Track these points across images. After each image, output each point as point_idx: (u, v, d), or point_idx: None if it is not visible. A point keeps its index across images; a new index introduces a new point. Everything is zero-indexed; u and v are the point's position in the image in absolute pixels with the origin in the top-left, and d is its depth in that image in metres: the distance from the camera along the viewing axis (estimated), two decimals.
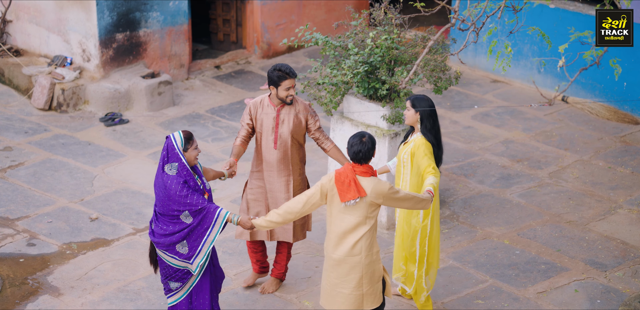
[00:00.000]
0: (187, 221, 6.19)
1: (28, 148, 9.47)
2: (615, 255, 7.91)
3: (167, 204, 6.15)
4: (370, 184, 6.00)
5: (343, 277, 6.16)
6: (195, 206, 6.14)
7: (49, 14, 10.38)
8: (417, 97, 6.71)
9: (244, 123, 6.94)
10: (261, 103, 6.91)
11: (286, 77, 6.73)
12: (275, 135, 6.84)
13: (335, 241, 6.13)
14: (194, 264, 6.30)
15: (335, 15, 11.88)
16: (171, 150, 6.15)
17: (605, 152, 9.57)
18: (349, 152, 6.03)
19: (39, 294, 7.33)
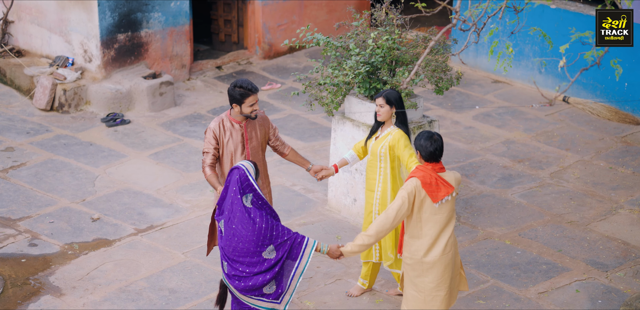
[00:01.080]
0: (271, 256, 5.76)
1: (30, 148, 9.48)
2: (616, 255, 7.91)
3: (251, 241, 5.71)
4: (450, 177, 6.06)
5: (439, 279, 6.08)
6: (281, 238, 5.74)
7: (51, 15, 10.39)
8: (390, 92, 6.76)
9: (211, 149, 6.64)
10: (222, 124, 6.66)
11: (249, 94, 6.56)
12: (247, 152, 6.68)
13: (429, 244, 6.02)
14: (282, 302, 5.87)
15: (337, 16, 11.89)
16: (245, 181, 5.80)
17: (607, 153, 9.57)
18: (423, 153, 5.96)
19: (40, 294, 7.34)
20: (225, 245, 5.81)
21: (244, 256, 5.74)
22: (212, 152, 6.66)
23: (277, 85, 11.01)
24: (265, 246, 5.69)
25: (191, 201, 8.66)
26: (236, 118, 6.67)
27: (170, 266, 7.70)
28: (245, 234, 5.67)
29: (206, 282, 7.50)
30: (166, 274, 7.59)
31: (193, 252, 7.91)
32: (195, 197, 8.72)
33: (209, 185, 8.91)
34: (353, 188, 8.24)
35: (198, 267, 7.70)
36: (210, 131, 6.65)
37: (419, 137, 6.04)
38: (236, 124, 6.68)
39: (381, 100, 6.75)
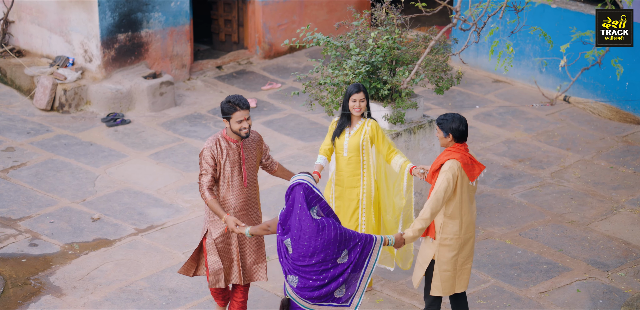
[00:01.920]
0: (344, 260, 5.70)
1: (30, 148, 9.48)
2: (617, 255, 7.91)
3: (327, 251, 5.64)
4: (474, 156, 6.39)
5: (468, 254, 6.36)
6: (353, 241, 5.70)
7: (51, 15, 10.39)
8: (359, 85, 6.79)
9: (209, 170, 6.27)
10: (218, 143, 6.33)
11: (236, 109, 6.24)
12: (244, 173, 6.36)
13: (468, 221, 6.27)
14: (352, 304, 5.81)
15: (337, 16, 11.88)
16: (310, 194, 5.67)
17: (607, 152, 9.56)
18: (456, 134, 6.18)
19: (41, 294, 7.34)
20: (295, 260, 5.76)
21: (319, 266, 5.72)
22: (211, 173, 6.28)
23: (277, 85, 11.01)
24: (340, 252, 5.71)
25: (191, 201, 8.65)
26: (232, 137, 6.35)
27: (170, 266, 7.69)
28: (321, 245, 5.64)
29: (206, 282, 7.49)
30: (166, 274, 7.59)
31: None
32: (195, 197, 8.72)
33: None
34: None
35: None
36: (208, 151, 6.29)
37: (447, 121, 6.18)
38: (232, 143, 6.37)
39: (362, 94, 6.77)
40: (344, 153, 6.89)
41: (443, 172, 6.16)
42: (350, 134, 6.86)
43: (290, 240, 5.73)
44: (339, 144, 6.89)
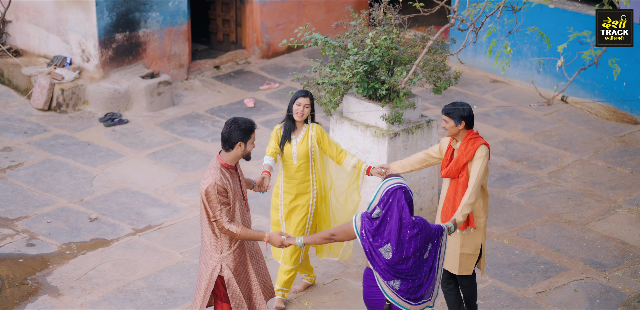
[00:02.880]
0: (427, 256, 5.78)
1: (27, 148, 9.47)
2: (614, 255, 7.91)
3: (420, 250, 5.72)
4: None
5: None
6: (434, 235, 5.80)
7: (49, 14, 10.38)
8: (307, 91, 6.79)
9: (226, 204, 5.91)
10: (222, 173, 5.90)
11: (254, 128, 5.95)
12: (245, 196, 6.11)
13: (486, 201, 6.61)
14: (432, 298, 5.87)
15: (335, 16, 11.88)
16: (408, 196, 5.71)
17: (605, 152, 9.57)
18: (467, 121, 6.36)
19: (38, 294, 7.33)
20: (396, 264, 5.79)
21: (415, 265, 5.78)
22: (228, 205, 5.92)
23: (275, 84, 11.01)
24: (426, 247, 5.79)
25: (189, 201, 8.65)
26: (230, 162, 5.95)
27: (168, 266, 7.69)
28: (420, 245, 5.71)
29: None
30: (164, 274, 7.59)
31: (191, 251, 7.90)
32: (193, 196, 8.71)
33: None
34: None
35: (196, 267, 7.69)
36: (219, 184, 5.83)
37: (457, 110, 6.33)
38: (231, 170, 6.00)
39: (308, 100, 6.72)
40: (292, 161, 6.83)
41: (479, 158, 6.36)
42: (297, 142, 6.81)
43: (390, 245, 5.70)
44: (287, 153, 6.82)
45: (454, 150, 6.51)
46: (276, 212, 7.04)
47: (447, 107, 6.40)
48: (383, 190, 5.71)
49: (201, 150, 9.54)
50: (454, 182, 6.48)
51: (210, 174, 5.86)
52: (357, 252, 7.90)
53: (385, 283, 5.80)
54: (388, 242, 5.70)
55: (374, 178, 8.01)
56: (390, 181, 5.73)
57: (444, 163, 6.56)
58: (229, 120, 5.89)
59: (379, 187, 5.75)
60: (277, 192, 7.02)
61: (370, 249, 5.74)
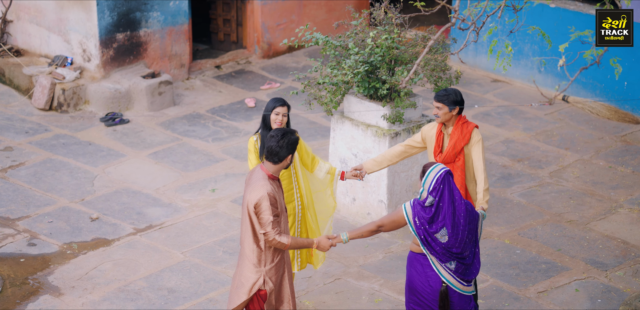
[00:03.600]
0: (473, 239, 6.00)
1: (29, 148, 9.47)
2: (616, 254, 7.91)
3: (471, 232, 5.92)
4: None
5: None
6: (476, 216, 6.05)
7: (50, 14, 10.38)
8: (282, 99, 6.60)
9: (276, 215, 5.88)
10: (271, 184, 5.87)
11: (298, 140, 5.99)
12: (285, 207, 6.10)
13: None
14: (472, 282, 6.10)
15: (336, 15, 11.88)
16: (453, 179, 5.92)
17: (606, 152, 9.56)
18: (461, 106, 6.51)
19: (39, 293, 7.34)
20: (451, 247, 5.88)
21: (466, 247, 5.94)
22: (278, 217, 5.91)
23: (276, 84, 11.00)
24: (473, 228, 5.98)
25: (190, 201, 8.65)
26: (275, 174, 5.94)
27: (169, 266, 7.69)
28: (471, 227, 5.92)
29: (205, 282, 7.49)
30: (165, 274, 7.59)
31: (192, 251, 7.90)
32: (194, 196, 8.71)
33: (208, 184, 8.91)
34: (352, 187, 8.23)
35: (197, 266, 7.69)
36: (271, 197, 5.80)
37: (450, 95, 6.48)
38: (276, 180, 6.01)
39: (285, 109, 6.56)
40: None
41: (478, 142, 6.51)
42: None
43: (446, 229, 5.84)
44: None
45: (444, 136, 6.60)
46: None
47: (439, 94, 6.49)
48: (432, 178, 5.80)
49: (202, 150, 9.54)
50: (450, 168, 6.56)
51: (261, 186, 5.80)
52: (358, 252, 7.91)
53: (442, 265, 5.94)
54: (444, 227, 5.84)
55: (375, 177, 8.01)
56: (436, 168, 5.83)
57: (436, 150, 6.65)
58: (278, 134, 5.83)
59: (426, 176, 5.84)
60: None
61: (426, 235, 5.88)
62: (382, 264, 7.73)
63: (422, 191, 5.86)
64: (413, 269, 6.05)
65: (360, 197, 8.18)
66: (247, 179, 6.00)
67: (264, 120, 6.63)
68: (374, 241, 8.01)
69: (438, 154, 6.63)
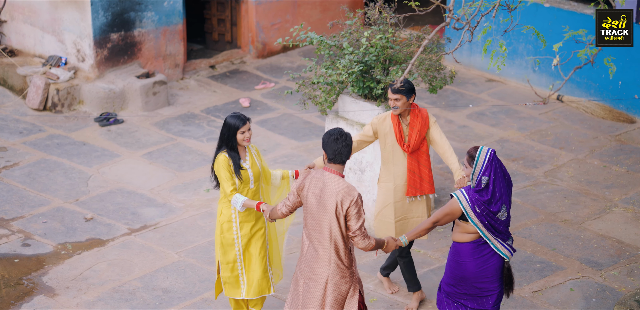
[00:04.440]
0: None
1: (23, 148, 9.45)
2: (610, 254, 7.91)
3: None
4: None
5: None
6: None
7: (44, 14, 10.36)
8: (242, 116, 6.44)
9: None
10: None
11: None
12: None
13: None
14: None
15: (330, 15, 11.88)
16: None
17: (601, 151, 9.57)
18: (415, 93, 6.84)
19: (34, 294, 7.32)
20: (507, 223, 6.08)
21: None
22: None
23: (270, 84, 11.00)
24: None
25: (185, 201, 8.64)
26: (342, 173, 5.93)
27: (163, 266, 7.68)
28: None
29: (200, 282, 7.48)
30: (160, 274, 7.57)
31: (187, 251, 7.89)
32: (188, 196, 8.70)
33: (202, 184, 8.90)
34: None
35: (192, 266, 7.68)
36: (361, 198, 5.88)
37: (408, 84, 6.69)
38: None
39: (249, 124, 6.43)
40: (250, 185, 6.52)
41: (435, 122, 6.82)
42: (249, 165, 6.50)
43: (504, 206, 5.99)
44: (245, 179, 6.48)
45: (403, 127, 6.79)
46: (232, 248, 6.56)
47: (397, 87, 6.62)
48: (484, 159, 5.89)
49: (197, 150, 9.53)
50: (415, 154, 6.75)
51: (352, 188, 5.74)
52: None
53: (504, 245, 6.08)
54: (503, 204, 5.96)
55: (369, 176, 8.01)
56: (483, 150, 5.91)
57: (400, 141, 6.76)
58: (340, 135, 5.76)
59: (476, 159, 5.90)
60: (228, 227, 6.52)
61: (489, 219, 5.96)
62: (377, 264, 7.72)
63: (473, 175, 5.92)
64: (468, 260, 6.09)
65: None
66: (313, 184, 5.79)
67: (227, 142, 6.39)
68: None
69: (404, 143, 6.78)
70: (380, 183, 6.98)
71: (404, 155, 6.81)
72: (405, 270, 7.08)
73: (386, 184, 6.93)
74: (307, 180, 5.87)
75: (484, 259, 6.09)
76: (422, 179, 6.82)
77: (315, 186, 5.79)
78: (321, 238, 5.80)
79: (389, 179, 6.90)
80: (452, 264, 6.17)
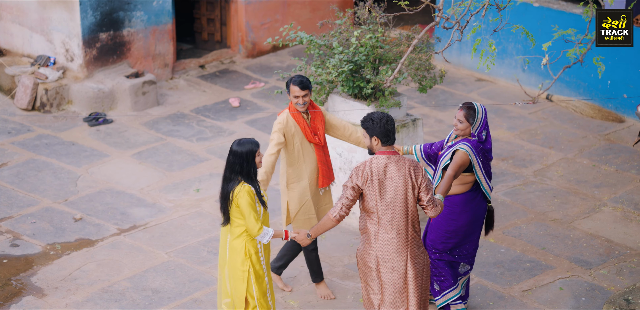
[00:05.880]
0: None
1: (11, 148, 9.42)
2: (599, 253, 7.93)
3: None
4: None
5: None
6: None
7: (32, 14, 10.32)
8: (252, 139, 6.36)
9: None
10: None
11: None
12: None
13: None
14: None
15: (320, 14, 11.87)
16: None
17: (590, 150, 9.59)
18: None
19: (22, 294, 7.29)
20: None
21: None
22: None
23: (260, 84, 10.99)
24: None
25: (174, 201, 8.62)
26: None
27: (153, 266, 7.66)
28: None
29: (190, 282, 7.47)
30: (149, 274, 7.56)
31: (176, 251, 7.87)
32: (178, 196, 8.68)
33: (192, 184, 8.88)
34: (337, 187, 8.22)
35: (181, 267, 7.67)
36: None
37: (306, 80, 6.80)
38: None
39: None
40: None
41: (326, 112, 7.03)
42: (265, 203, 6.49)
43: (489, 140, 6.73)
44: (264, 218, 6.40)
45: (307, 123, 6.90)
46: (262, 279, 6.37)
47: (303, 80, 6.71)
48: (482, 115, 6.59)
49: (186, 149, 9.51)
50: (320, 146, 6.94)
51: (417, 162, 6.02)
52: (343, 251, 7.90)
53: (490, 187, 6.69)
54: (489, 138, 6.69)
55: None
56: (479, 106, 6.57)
57: (311, 135, 6.86)
58: (387, 117, 5.91)
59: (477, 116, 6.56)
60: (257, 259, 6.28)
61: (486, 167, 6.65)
62: None
63: (473, 129, 6.53)
64: (466, 209, 6.66)
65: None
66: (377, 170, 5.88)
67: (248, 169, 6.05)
68: (359, 240, 8.01)
69: (314, 138, 6.87)
70: (290, 185, 6.92)
71: (312, 150, 6.92)
72: (315, 262, 7.18)
73: (298, 184, 6.91)
74: (366, 171, 5.91)
75: (477, 206, 6.68)
76: (329, 167, 7.03)
77: (382, 172, 5.90)
78: (395, 218, 5.93)
79: (301, 178, 6.92)
80: (444, 220, 6.64)
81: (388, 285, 6.04)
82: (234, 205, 6.08)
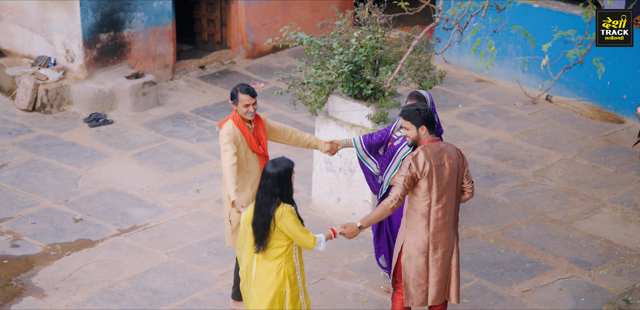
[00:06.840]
0: None
1: (12, 149, 9.43)
2: (599, 253, 7.94)
3: None
4: None
5: None
6: None
7: (33, 15, 10.33)
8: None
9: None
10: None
11: None
12: None
13: None
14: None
15: (320, 15, 11.88)
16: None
17: (589, 151, 9.60)
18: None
19: (23, 295, 7.30)
20: None
21: None
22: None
23: (260, 84, 10.99)
24: None
25: (174, 201, 8.63)
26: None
27: (153, 266, 7.67)
28: None
29: (190, 282, 7.48)
30: (149, 275, 7.56)
31: (176, 252, 7.88)
32: (178, 197, 8.69)
33: (192, 185, 8.89)
34: (337, 187, 8.23)
35: (181, 267, 7.68)
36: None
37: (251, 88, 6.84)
38: None
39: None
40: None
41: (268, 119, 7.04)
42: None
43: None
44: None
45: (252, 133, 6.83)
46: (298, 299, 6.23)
47: (250, 89, 6.71)
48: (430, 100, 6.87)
49: (186, 150, 9.52)
50: (263, 156, 6.85)
51: (457, 148, 6.24)
52: (343, 252, 7.91)
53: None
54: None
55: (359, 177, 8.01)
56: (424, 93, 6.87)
57: (256, 145, 6.76)
58: (424, 107, 6.13)
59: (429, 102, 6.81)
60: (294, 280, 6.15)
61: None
62: (367, 263, 7.73)
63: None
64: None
65: (345, 197, 8.18)
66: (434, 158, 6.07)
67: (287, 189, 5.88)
68: (358, 241, 8.02)
69: (259, 148, 6.81)
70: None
71: (256, 160, 6.77)
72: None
73: (242, 194, 6.71)
74: (425, 160, 6.06)
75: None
76: None
77: (438, 158, 6.10)
78: (450, 202, 6.15)
79: (245, 188, 6.73)
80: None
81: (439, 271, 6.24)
82: (276, 229, 5.84)
